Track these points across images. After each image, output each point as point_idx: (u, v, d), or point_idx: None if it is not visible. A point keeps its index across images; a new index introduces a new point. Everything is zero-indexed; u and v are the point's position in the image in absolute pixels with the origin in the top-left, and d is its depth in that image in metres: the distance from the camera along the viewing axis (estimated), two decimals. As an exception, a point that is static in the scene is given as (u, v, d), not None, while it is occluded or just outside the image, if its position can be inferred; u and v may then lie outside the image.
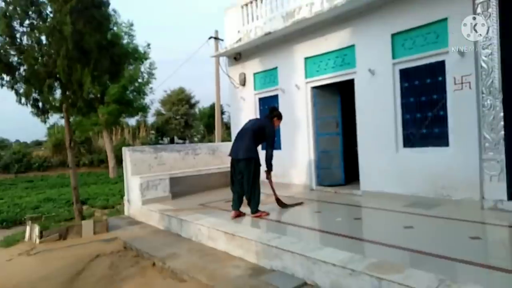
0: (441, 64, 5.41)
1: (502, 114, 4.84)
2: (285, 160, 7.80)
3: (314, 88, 7.37)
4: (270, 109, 5.71)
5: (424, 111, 5.71)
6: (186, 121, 38.14)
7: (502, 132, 4.84)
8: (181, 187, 7.44)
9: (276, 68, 8.13)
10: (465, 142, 5.13)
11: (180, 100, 37.91)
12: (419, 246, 3.55)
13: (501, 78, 4.84)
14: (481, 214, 4.76)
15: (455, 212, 4.84)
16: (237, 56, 9.02)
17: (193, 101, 39.91)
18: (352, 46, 6.55)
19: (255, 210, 5.23)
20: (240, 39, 8.73)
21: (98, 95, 6.27)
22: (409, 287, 2.66)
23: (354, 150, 6.87)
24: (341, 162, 7.38)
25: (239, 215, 5.27)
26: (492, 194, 4.91)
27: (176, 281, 3.95)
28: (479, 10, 4.97)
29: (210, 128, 35.31)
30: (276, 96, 8.16)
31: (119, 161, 18.17)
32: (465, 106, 5.12)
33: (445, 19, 5.30)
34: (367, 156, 6.39)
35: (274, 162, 5.47)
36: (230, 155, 5.33)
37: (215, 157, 8.49)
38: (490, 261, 3.22)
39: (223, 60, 9.63)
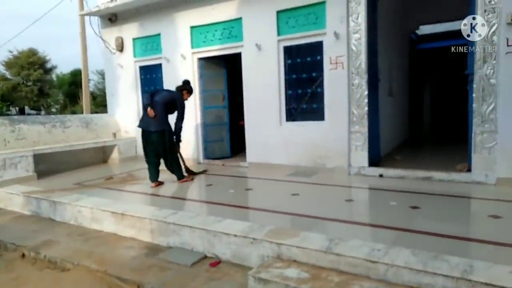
0: (320, 44, 5.87)
1: (366, 92, 5.60)
2: (170, 133, 7.48)
3: (200, 59, 7.17)
4: (183, 82, 5.78)
5: (304, 87, 6.17)
6: (41, 88, 33.06)
7: (366, 108, 5.61)
8: (49, 165, 6.45)
9: (159, 34, 7.57)
10: (338, 117, 5.77)
11: (31, 63, 32.44)
12: (307, 211, 3.89)
13: (367, 60, 5.57)
14: (349, 179, 5.51)
15: (330, 178, 5.47)
16: (112, 18, 8.05)
17: (48, 65, 34.70)
18: (239, 19, 6.54)
19: (181, 176, 5.57)
20: (116, -2, 7.80)
21: None
22: (306, 249, 2.90)
23: (239, 124, 7.05)
24: (227, 135, 7.49)
25: (158, 184, 5.40)
26: (356, 161, 5.72)
27: (57, 271, 3.45)
28: (351, -3, 5.53)
29: (72, 98, 31.44)
30: (159, 65, 7.65)
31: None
32: (339, 84, 5.72)
33: (324, 2, 5.69)
34: (253, 129, 6.61)
35: None
36: (140, 126, 5.40)
37: (89, 130, 7.55)
38: (362, 219, 3.80)
39: (94, 21, 8.48)
